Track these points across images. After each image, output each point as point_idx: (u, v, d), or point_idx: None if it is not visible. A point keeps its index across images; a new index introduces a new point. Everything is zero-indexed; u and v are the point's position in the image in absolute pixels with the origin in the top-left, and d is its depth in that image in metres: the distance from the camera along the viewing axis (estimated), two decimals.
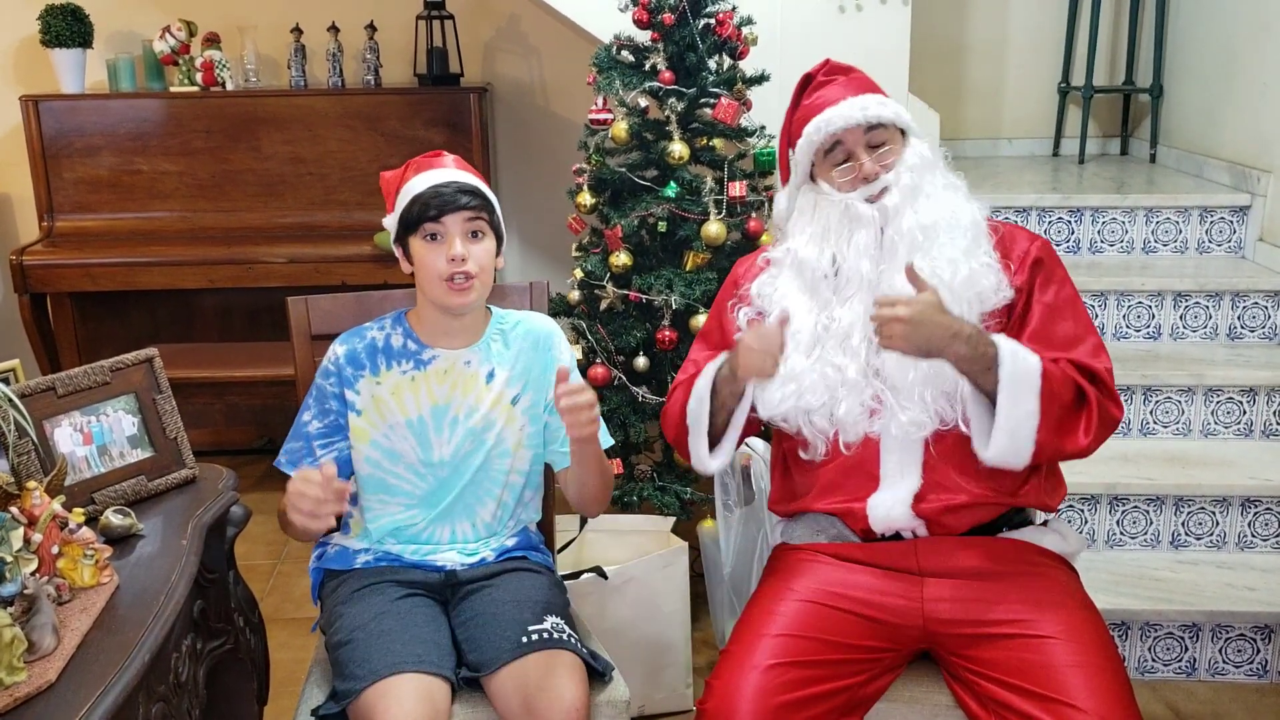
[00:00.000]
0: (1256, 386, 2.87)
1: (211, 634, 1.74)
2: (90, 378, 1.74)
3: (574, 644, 1.68)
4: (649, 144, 2.72)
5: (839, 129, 1.72)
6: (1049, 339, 1.71)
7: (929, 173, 1.75)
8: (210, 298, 3.90)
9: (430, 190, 1.74)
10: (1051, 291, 1.75)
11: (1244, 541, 2.73)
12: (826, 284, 1.75)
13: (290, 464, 1.82)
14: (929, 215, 1.72)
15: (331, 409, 1.82)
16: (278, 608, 2.94)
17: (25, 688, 1.24)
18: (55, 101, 3.69)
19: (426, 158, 1.83)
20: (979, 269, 1.71)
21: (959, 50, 4.21)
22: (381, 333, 1.85)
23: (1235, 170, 3.38)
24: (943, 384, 1.68)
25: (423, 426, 1.81)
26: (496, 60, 4.10)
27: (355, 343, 1.84)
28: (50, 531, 1.44)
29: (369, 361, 1.83)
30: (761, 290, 1.82)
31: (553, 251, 4.13)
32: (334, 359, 1.83)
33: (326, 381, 1.82)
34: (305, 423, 1.83)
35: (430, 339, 1.84)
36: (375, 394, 1.81)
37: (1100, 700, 1.53)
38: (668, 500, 2.65)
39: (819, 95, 1.77)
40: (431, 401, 1.81)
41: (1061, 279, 1.77)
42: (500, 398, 1.83)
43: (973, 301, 1.70)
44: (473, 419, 1.81)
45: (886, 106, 1.74)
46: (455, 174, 1.78)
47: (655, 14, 2.65)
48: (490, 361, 1.84)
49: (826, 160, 1.76)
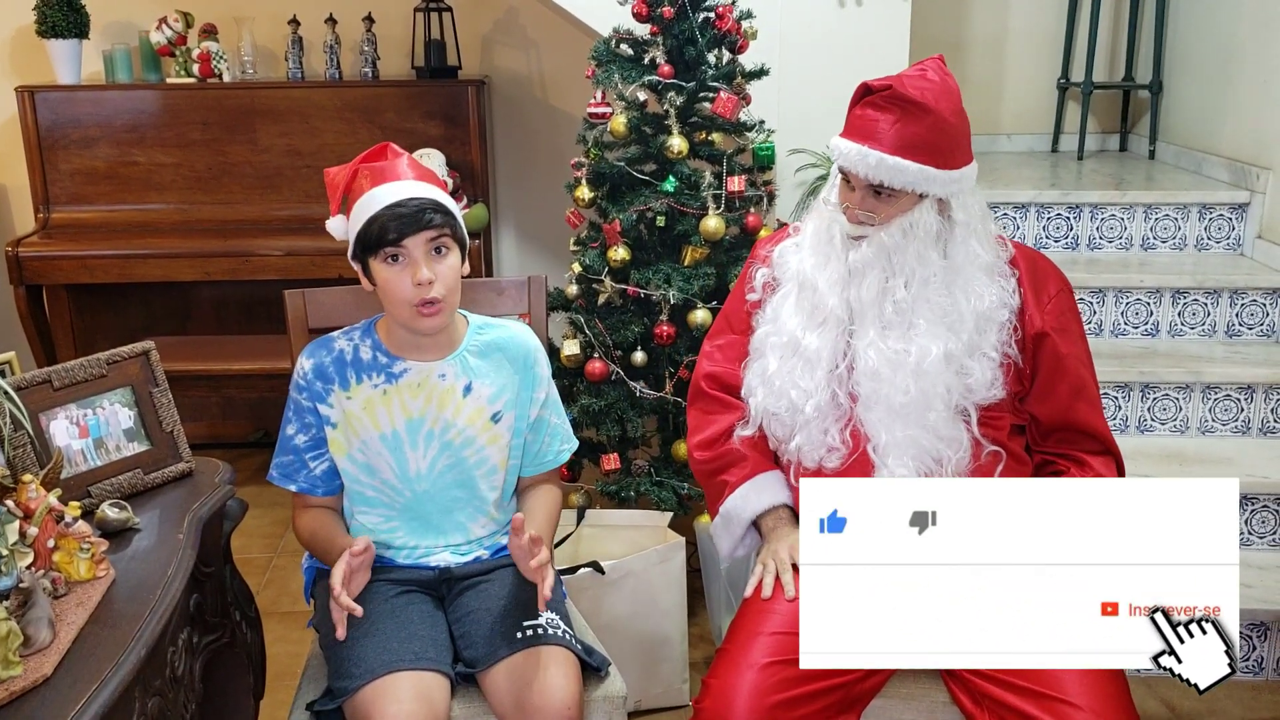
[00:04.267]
0: (1254, 384, 2.87)
1: (208, 628, 1.74)
2: (86, 370, 1.73)
3: (569, 639, 1.68)
4: (648, 138, 2.71)
5: (843, 164, 1.70)
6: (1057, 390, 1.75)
7: (922, 248, 1.68)
8: (207, 290, 3.90)
9: (389, 211, 1.64)
10: (1073, 344, 1.77)
11: (1241, 539, 2.73)
12: (808, 294, 1.76)
13: (285, 478, 1.79)
14: (904, 292, 1.68)
15: (310, 422, 1.78)
16: (274, 601, 2.93)
17: (21, 682, 1.23)
18: (51, 92, 3.68)
19: (377, 161, 1.71)
20: (966, 355, 1.68)
21: (958, 45, 4.20)
22: (350, 344, 1.79)
23: (1234, 167, 3.38)
24: (922, 452, 1.69)
25: (397, 441, 1.76)
26: (495, 53, 4.08)
27: (322, 356, 1.78)
28: (46, 525, 1.43)
29: (338, 375, 1.77)
30: (785, 254, 1.82)
31: (550, 246, 4.12)
32: (302, 374, 1.77)
33: (300, 396, 1.78)
34: (290, 436, 1.79)
35: (400, 350, 1.78)
36: (346, 409, 1.76)
37: (1096, 697, 1.53)
38: (665, 495, 2.64)
39: (868, 116, 1.67)
40: (406, 416, 1.76)
41: (1081, 334, 1.81)
42: (480, 413, 1.79)
43: (955, 388, 1.69)
44: (449, 433, 1.77)
45: (901, 175, 1.64)
46: (413, 188, 1.67)
47: (655, 7, 2.64)
48: (467, 375, 1.79)
49: (840, 171, 1.74)
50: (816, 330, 1.74)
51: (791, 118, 3.03)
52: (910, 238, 1.69)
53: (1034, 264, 1.80)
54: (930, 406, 1.67)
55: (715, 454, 1.85)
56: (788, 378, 1.73)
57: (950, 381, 1.68)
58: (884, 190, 1.68)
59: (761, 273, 1.84)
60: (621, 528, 2.55)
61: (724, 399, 1.86)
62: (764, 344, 1.80)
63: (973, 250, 1.72)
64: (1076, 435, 1.79)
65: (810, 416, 1.72)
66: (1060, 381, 1.76)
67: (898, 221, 1.69)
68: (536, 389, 1.84)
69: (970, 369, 1.69)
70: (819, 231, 1.77)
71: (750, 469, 1.81)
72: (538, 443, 1.86)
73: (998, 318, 1.71)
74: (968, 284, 1.70)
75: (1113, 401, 2.89)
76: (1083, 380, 1.78)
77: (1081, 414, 1.77)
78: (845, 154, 1.67)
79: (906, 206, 1.69)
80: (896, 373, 1.67)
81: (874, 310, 1.70)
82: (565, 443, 1.90)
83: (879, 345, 1.69)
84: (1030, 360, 1.75)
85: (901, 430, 1.68)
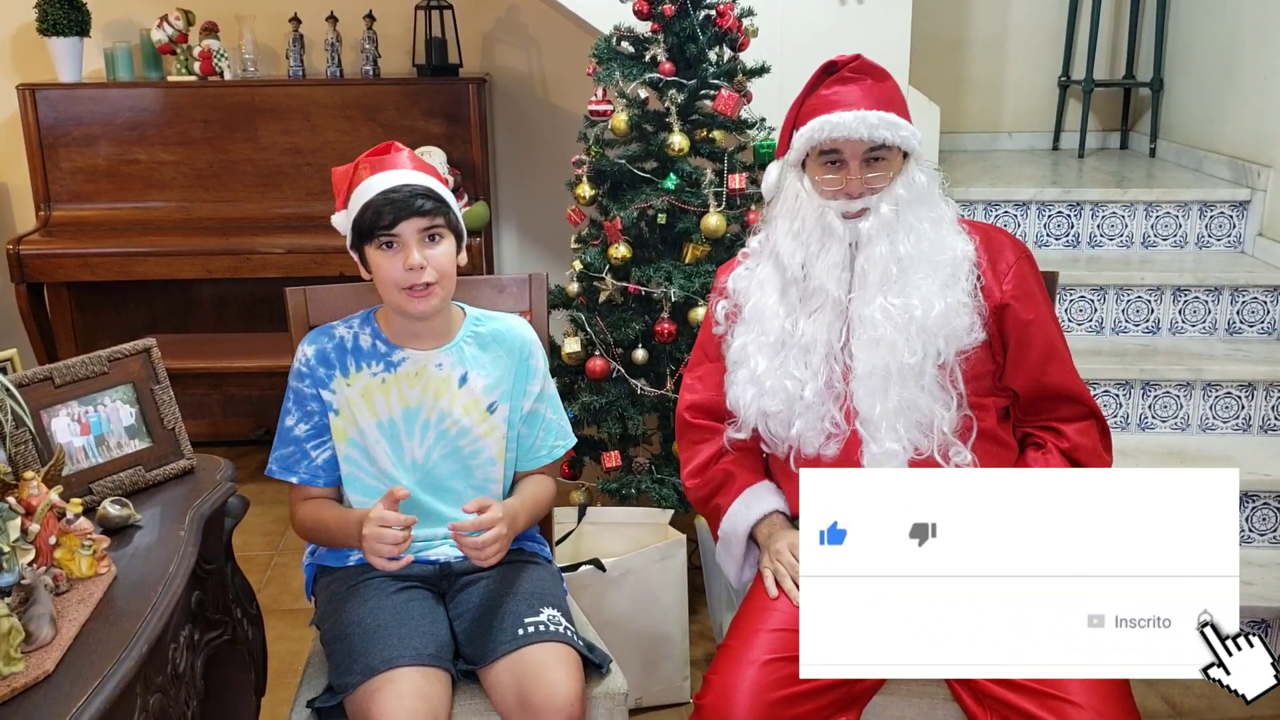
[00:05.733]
0: (1255, 381, 2.87)
1: (209, 625, 1.74)
2: (88, 368, 1.73)
3: (570, 636, 1.68)
4: (649, 136, 2.71)
5: (840, 137, 1.68)
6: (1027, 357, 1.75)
7: (917, 205, 1.72)
8: (208, 288, 3.90)
9: (381, 197, 1.67)
10: (1035, 308, 1.76)
11: (1241, 537, 2.72)
12: (796, 289, 1.75)
13: (285, 470, 1.79)
14: (906, 248, 1.70)
15: (313, 410, 1.79)
16: (275, 599, 2.94)
17: (23, 678, 1.23)
18: (52, 90, 3.68)
19: (378, 154, 1.75)
20: (954, 305, 1.69)
21: (959, 43, 4.20)
22: (350, 331, 1.81)
23: (1235, 165, 3.38)
24: (916, 415, 1.69)
25: (394, 429, 1.78)
26: (496, 51, 4.08)
27: (324, 342, 1.80)
28: (48, 522, 1.44)
29: (339, 362, 1.79)
30: (737, 284, 1.82)
31: (551, 243, 4.12)
32: (304, 360, 1.79)
33: (301, 384, 1.79)
34: (290, 427, 1.80)
35: (399, 339, 1.80)
36: (347, 395, 1.78)
37: (1097, 695, 1.53)
38: (666, 493, 2.64)
39: (837, 91, 1.70)
40: (403, 404, 1.78)
41: (1045, 297, 1.80)
42: (476, 404, 1.80)
43: (949, 339, 1.69)
44: (445, 423, 1.79)
45: (898, 129, 1.68)
46: (408, 176, 1.70)
47: (656, 5, 2.64)
48: (463, 365, 1.81)
49: (820, 158, 1.72)
50: (809, 318, 1.73)
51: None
52: (912, 193, 1.71)
53: (988, 236, 1.79)
54: (928, 362, 1.68)
55: (705, 479, 1.85)
56: (780, 371, 1.73)
57: (947, 334, 1.69)
58: (879, 156, 1.70)
59: (721, 305, 1.84)
60: (622, 525, 2.55)
61: (708, 425, 1.86)
62: (743, 353, 1.78)
63: (939, 205, 1.76)
64: (1055, 401, 1.78)
65: (810, 401, 1.71)
66: (1028, 348, 1.75)
67: (899, 181, 1.71)
68: (531, 381, 1.84)
69: (953, 310, 1.70)
70: (804, 228, 1.74)
71: (738, 486, 1.82)
72: (531, 436, 1.86)
73: (966, 265, 1.73)
74: (942, 236, 1.73)
75: (1114, 399, 2.89)
76: (1051, 343, 1.76)
77: (1054, 376, 1.76)
78: (840, 124, 1.67)
79: (897, 169, 1.72)
80: (900, 333, 1.67)
81: (878, 270, 1.69)
82: (560, 439, 1.90)
83: (883, 303, 1.68)
84: (998, 335, 1.75)
85: (898, 394, 1.67)
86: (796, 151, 1.75)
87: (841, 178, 1.71)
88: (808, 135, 1.71)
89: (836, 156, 1.71)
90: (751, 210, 2.71)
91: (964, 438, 1.72)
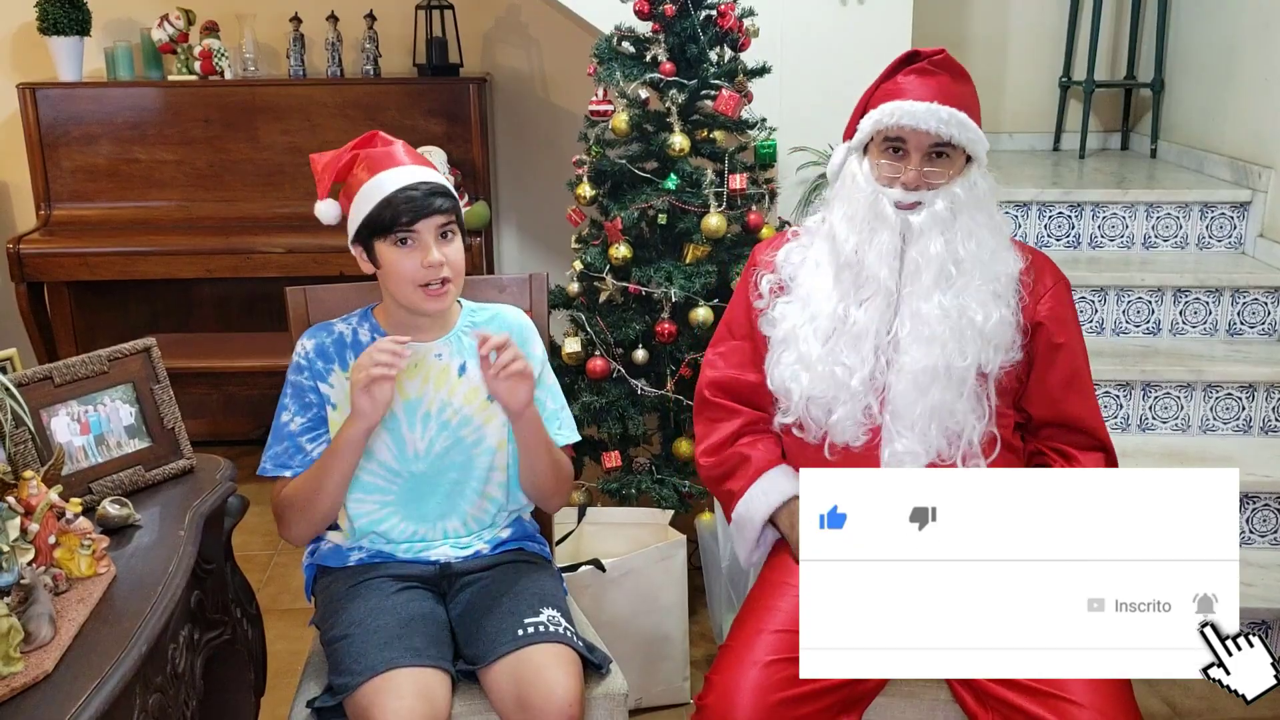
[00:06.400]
0: (1256, 383, 2.87)
1: (209, 625, 1.73)
2: (88, 367, 1.73)
3: (570, 637, 1.68)
4: (649, 136, 2.71)
5: (908, 125, 1.66)
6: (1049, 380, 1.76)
7: (975, 210, 1.71)
8: (208, 287, 3.89)
9: (402, 195, 1.69)
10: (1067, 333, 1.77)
11: (1241, 538, 2.72)
12: (849, 273, 1.73)
13: (279, 467, 1.79)
14: (966, 251, 1.69)
15: (312, 402, 1.79)
16: (275, 599, 2.94)
17: (22, 678, 1.23)
18: (53, 89, 3.67)
19: (375, 149, 1.76)
20: (1006, 318, 1.70)
21: (960, 43, 4.19)
22: (349, 327, 1.82)
23: (1236, 166, 3.38)
24: (948, 421, 1.68)
25: (395, 422, 1.78)
26: (496, 51, 4.08)
27: (323, 337, 1.81)
28: (47, 521, 1.43)
29: (338, 356, 1.80)
30: (790, 256, 1.81)
31: (552, 243, 4.12)
32: (304, 354, 1.80)
33: (300, 377, 1.80)
34: (285, 424, 1.79)
35: (398, 333, 1.78)
36: (347, 389, 1.77)
37: (1098, 696, 1.53)
38: (666, 493, 2.64)
39: (914, 81, 1.68)
40: (404, 398, 1.78)
41: (1077, 327, 1.81)
42: (476, 393, 1.80)
43: (998, 350, 1.70)
44: (446, 413, 1.79)
45: (966, 129, 1.67)
46: (421, 174, 1.72)
47: (656, 5, 2.64)
48: (462, 354, 1.81)
49: (884, 144, 1.71)
50: (861, 306, 1.72)
51: (793, 116, 3.03)
52: (971, 196, 1.70)
53: (1034, 258, 1.80)
54: (972, 370, 1.68)
55: (719, 459, 1.85)
56: (830, 357, 1.71)
57: (997, 344, 1.69)
58: (942, 152, 1.69)
59: (767, 278, 1.82)
60: (623, 525, 2.55)
61: (728, 405, 1.86)
62: (792, 335, 1.76)
63: (997, 216, 1.75)
64: (1068, 430, 1.78)
65: (856, 390, 1.70)
66: (1051, 371, 1.75)
67: (959, 182, 1.70)
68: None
69: (1005, 322, 1.70)
70: (857, 212, 1.72)
71: (753, 471, 1.81)
72: None
73: (1014, 281, 1.73)
74: (1000, 247, 1.73)
75: (1114, 400, 2.89)
76: (1076, 371, 1.77)
77: (1073, 406, 1.76)
78: (911, 112, 1.65)
79: (958, 170, 1.71)
80: (955, 335, 1.67)
81: (934, 267, 1.68)
82: (563, 428, 1.89)
83: (941, 301, 1.68)
84: (1027, 355, 1.75)
85: (939, 395, 1.67)
86: (863, 134, 1.74)
87: (901, 166, 1.70)
88: (876, 118, 1.70)
89: (900, 145, 1.70)
90: (752, 210, 2.70)
91: (986, 452, 1.71)
